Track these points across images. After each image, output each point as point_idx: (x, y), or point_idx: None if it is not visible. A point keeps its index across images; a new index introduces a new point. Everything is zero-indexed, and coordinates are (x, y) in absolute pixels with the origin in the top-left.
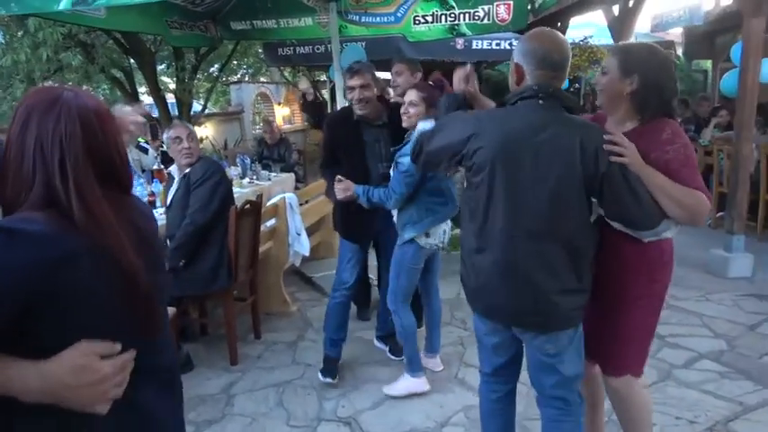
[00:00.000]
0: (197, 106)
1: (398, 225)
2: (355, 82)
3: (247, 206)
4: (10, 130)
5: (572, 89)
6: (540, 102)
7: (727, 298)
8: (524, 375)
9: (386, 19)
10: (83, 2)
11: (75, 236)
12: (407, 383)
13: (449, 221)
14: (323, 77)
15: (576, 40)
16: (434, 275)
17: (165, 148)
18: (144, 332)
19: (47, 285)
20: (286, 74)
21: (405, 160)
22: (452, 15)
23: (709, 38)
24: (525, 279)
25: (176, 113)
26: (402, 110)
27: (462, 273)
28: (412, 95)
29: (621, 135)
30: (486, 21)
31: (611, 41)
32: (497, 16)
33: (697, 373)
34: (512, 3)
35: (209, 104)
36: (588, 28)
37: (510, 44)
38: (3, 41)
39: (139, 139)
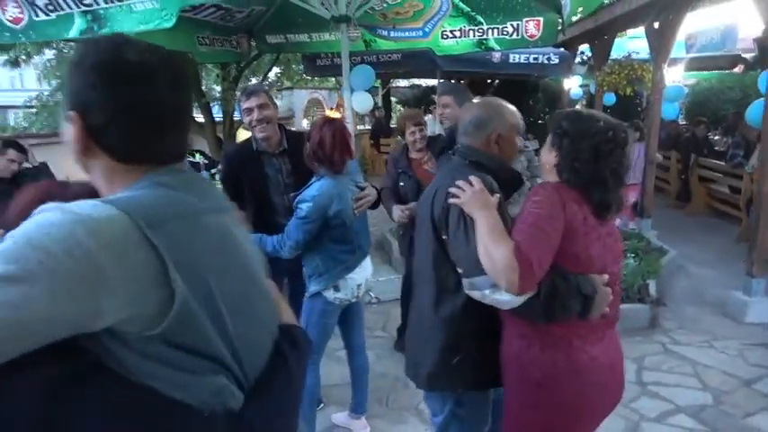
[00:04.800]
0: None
1: (305, 276)
2: (252, 103)
3: None
4: None
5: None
6: (452, 155)
7: (733, 346)
8: None
9: (414, 34)
10: (90, 30)
11: None
12: None
13: (368, 270)
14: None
15: (619, 57)
16: (355, 331)
17: None
18: None
19: None
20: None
21: (304, 206)
22: (480, 30)
23: None
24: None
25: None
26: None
27: None
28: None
29: (475, 180)
30: (515, 36)
31: None
32: (526, 32)
33: (667, 429)
34: (541, 19)
35: None
36: (641, 39)
37: (548, 59)
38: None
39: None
